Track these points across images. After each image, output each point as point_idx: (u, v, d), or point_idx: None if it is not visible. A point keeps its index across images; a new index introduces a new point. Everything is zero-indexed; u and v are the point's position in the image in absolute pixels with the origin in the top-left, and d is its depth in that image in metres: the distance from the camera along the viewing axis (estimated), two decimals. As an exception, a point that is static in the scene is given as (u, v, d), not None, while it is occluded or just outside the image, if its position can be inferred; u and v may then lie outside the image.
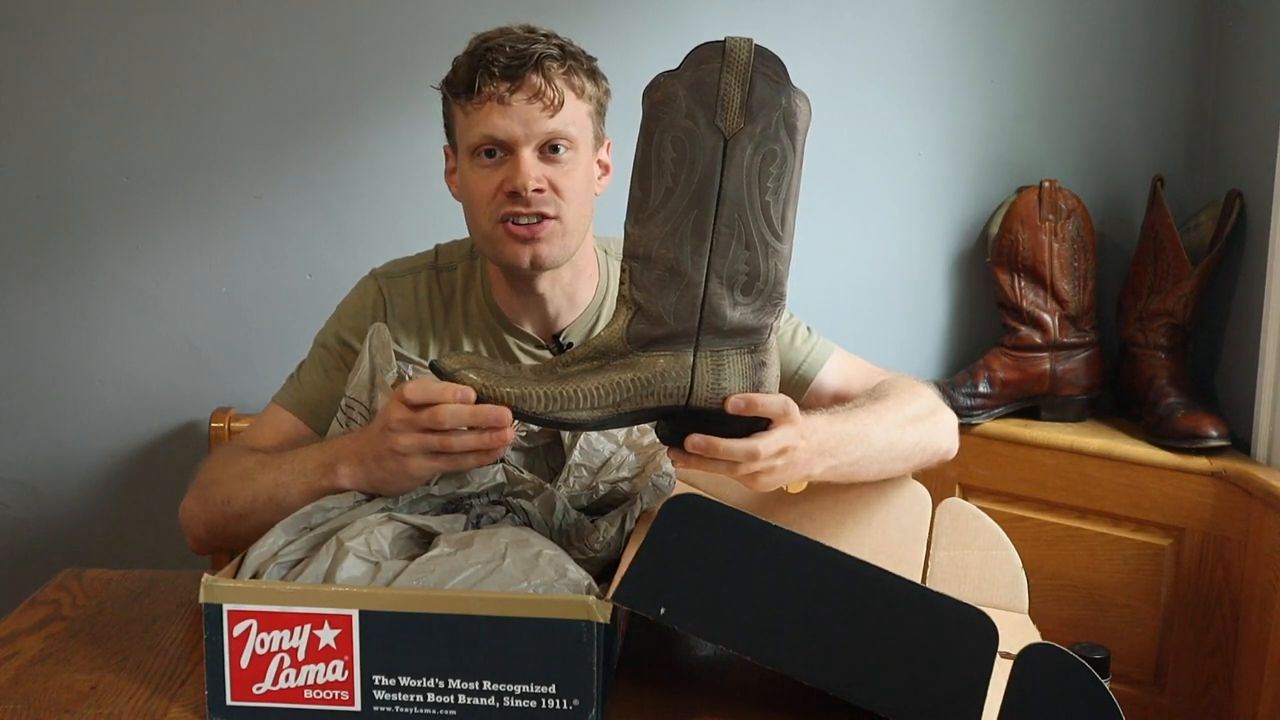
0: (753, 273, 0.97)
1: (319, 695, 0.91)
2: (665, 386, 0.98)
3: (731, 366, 0.98)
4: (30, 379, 1.92)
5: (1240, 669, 1.62)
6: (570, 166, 1.21)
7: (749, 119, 0.95)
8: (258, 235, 1.90)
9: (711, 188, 0.95)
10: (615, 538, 1.01)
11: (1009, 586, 1.12)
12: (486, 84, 1.17)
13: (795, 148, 0.96)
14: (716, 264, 0.96)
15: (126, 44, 1.85)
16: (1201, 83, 1.87)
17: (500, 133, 1.18)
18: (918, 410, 1.19)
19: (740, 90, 0.95)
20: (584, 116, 1.23)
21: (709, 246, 0.96)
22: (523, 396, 0.98)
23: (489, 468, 1.09)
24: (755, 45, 0.96)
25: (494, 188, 1.20)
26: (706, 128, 0.95)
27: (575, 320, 1.31)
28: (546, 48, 1.19)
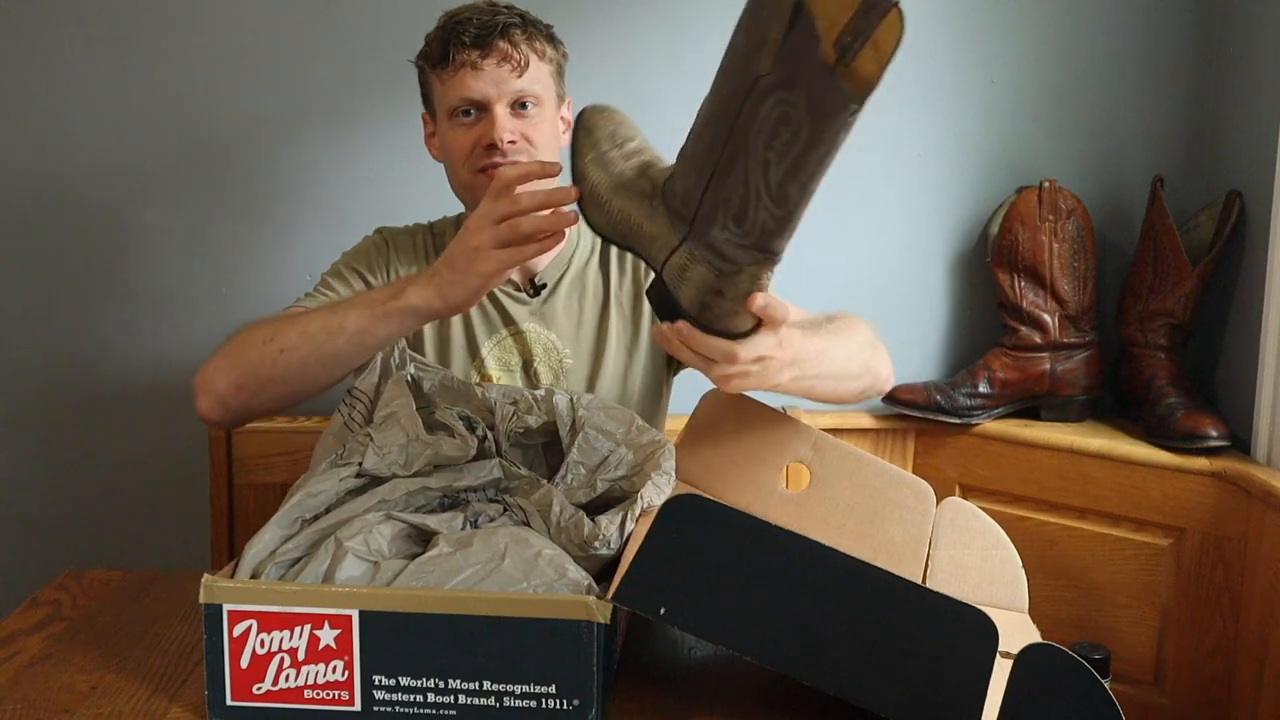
0: (742, 208, 0.94)
1: (319, 695, 0.91)
2: (652, 252, 1.03)
3: (695, 271, 1.00)
4: (30, 379, 1.92)
5: (1240, 669, 1.62)
6: (538, 120, 1.36)
7: (780, 71, 0.88)
8: (258, 235, 1.90)
9: (733, 111, 0.91)
10: (615, 535, 1.01)
11: (1009, 586, 1.12)
12: (459, 52, 1.32)
13: (820, 125, 0.90)
14: (718, 178, 0.96)
15: (126, 43, 1.85)
16: (1201, 83, 1.87)
17: (475, 93, 1.33)
18: (863, 338, 1.28)
19: (777, 39, 0.87)
20: (547, 76, 1.38)
21: (716, 159, 0.95)
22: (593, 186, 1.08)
23: (486, 462, 1.09)
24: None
25: (472, 142, 1.35)
26: (751, 60, 0.89)
27: (549, 265, 1.45)
28: (509, 18, 1.34)
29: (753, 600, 0.90)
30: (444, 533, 0.99)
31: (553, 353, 1.41)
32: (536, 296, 1.43)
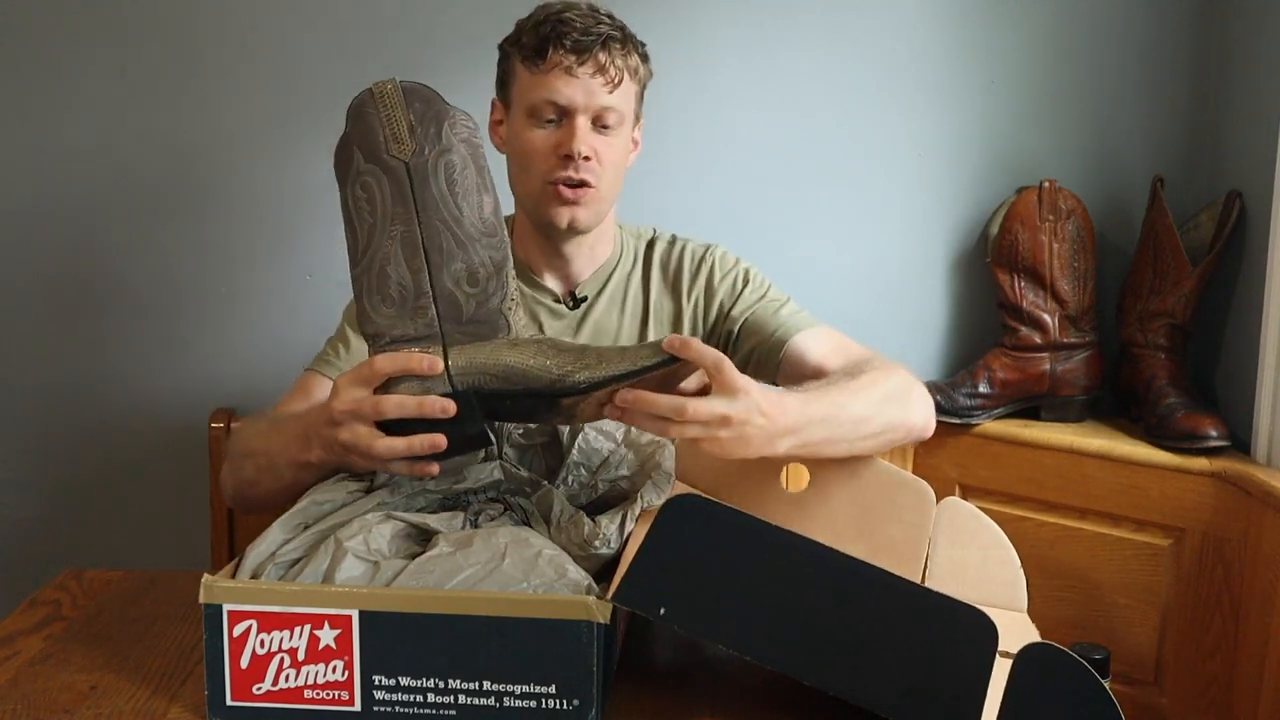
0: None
1: (319, 695, 0.91)
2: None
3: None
4: (30, 379, 1.92)
5: (1240, 669, 1.62)
6: (614, 139, 1.34)
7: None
8: (258, 235, 1.90)
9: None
10: (615, 535, 1.01)
11: (1009, 586, 1.12)
12: (557, 53, 1.29)
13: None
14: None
15: (126, 42, 1.85)
16: (1201, 83, 1.87)
17: (563, 99, 1.30)
18: (890, 389, 1.22)
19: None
20: (632, 96, 1.35)
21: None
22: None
23: (486, 464, 1.09)
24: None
25: (549, 148, 1.31)
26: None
27: (590, 277, 1.43)
28: (611, 29, 1.31)
29: (753, 600, 0.90)
30: (444, 532, 0.99)
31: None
32: (576, 309, 1.42)
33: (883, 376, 1.23)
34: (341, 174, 1.06)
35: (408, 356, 1.02)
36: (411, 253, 1.04)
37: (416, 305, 1.03)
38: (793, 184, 1.92)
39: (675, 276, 1.44)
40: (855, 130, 1.91)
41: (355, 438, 1.02)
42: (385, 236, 1.04)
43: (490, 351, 1.03)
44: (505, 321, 1.05)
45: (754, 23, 1.88)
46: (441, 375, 1.02)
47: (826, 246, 1.92)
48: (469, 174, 1.04)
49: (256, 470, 1.19)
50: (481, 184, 1.05)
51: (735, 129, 1.89)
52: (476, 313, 1.04)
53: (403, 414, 1.01)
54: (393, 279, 1.03)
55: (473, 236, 1.04)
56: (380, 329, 1.04)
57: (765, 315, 1.39)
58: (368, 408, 1.01)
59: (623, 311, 1.43)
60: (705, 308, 1.43)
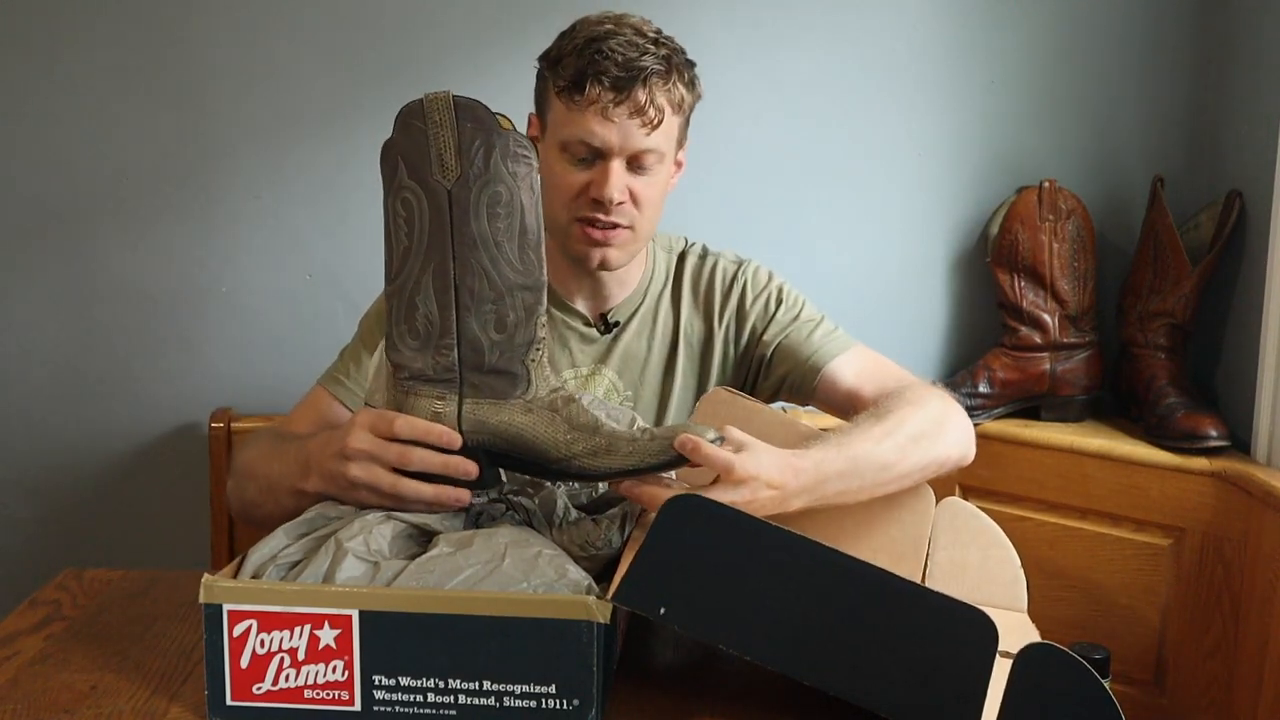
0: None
1: (319, 695, 0.91)
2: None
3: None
4: (30, 379, 1.92)
5: (1240, 669, 1.62)
6: (653, 178, 1.27)
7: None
8: (258, 235, 1.90)
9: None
10: (616, 536, 1.01)
11: (1009, 586, 1.12)
12: (593, 89, 1.21)
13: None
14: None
15: (127, 43, 1.85)
16: (1201, 83, 1.87)
17: (597, 141, 1.23)
18: (921, 426, 1.16)
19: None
20: (675, 129, 1.28)
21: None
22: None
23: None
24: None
25: (578, 188, 1.25)
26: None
27: (623, 301, 1.38)
28: (655, 61, 1.23)
29: (753, 600, 0.90)
30: (444, 532, 0.99)
31: (613, 396, 1.37)
32: (608, 333, 1.38)
33: (913, 412, 1.17)
34: (386, 181, 1.01)
35: (427, 428, 1.01)
36: (442, 288, 1.00)
37: (440, 344, 1.00)
38: (793, 184, 1.92)
39: (707, 297, 1.40)
40: (855, 130, 1.91)
41: (374, 478, 1.02)
42: (419, 264, 1.00)
43: (504, 414, 1.01)
44: (527, 373, 1.01)
45: (754, 23, 1.88)
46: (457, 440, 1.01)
47: (826, 246, 1.92)
48: (515, 208, 0.98)
49: (258, 493, 1.19)
50: (526, 223, 0.99)
51: (735, 129, 1.89)
52: (499, 362, 1.00)
53: (426, 469, 1.01)
54: (420, 311, 1.00)
55: (510, 283, 0.99)
56: (403, 360, 1.02)
57: (799, 340, 1.35)
58: (392, 455, 1.01)
59: (652, 336, 1.39)
60: (737, 332, 1.39)
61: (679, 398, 1.38)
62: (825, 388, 1.32)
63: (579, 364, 1.37)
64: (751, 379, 1.39)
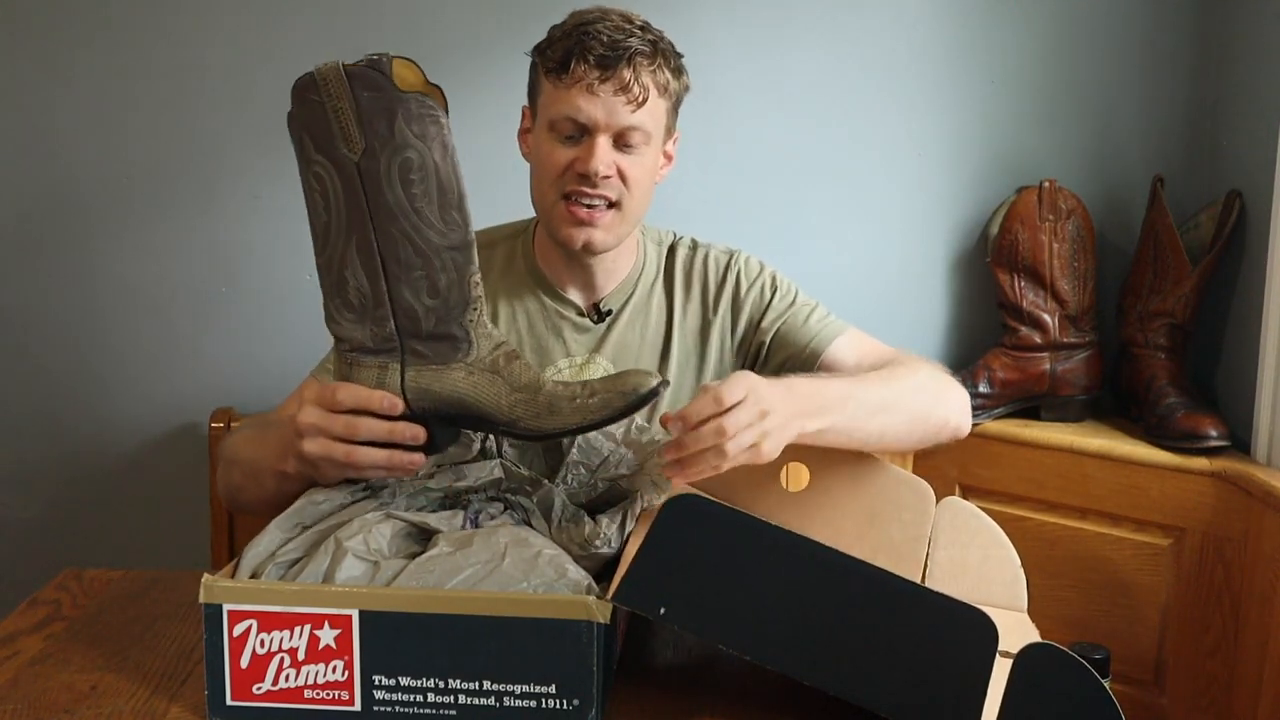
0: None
1: (319, 695, 0.91)
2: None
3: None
4: (30, 379, 1.92)
5: (1240, 669, 1.62)
6: (640, 157, 1.29)
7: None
8: (258, 235, 1.90)
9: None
10: (615, 535, 1.01)
11: (1008, 586, 1.12)
12: (580, 67, 1.24)
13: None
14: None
15: (126, 43, 1.85)
16: (1201, 83, 1.87)
17: (583, 117, 1.25)
18: (919, 382, 1.22)
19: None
20: (661, 112, 1.30)
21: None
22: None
23: (487, 463, 1.09)
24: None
25: (565, 164, 1.28)
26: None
27: (614, 290, 1.40)
28: (641, 43, 1.26)
29: (753, 600, 0.90)
30: (444, 532, 0.99)
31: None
32: (600, 323, 1.39)
33: (907, 371, 1.23)
34: (297, 153, 1.00)
35: (368, 395, 1.01)
36: (368, 260, 0.99)
37: (376, 315, 1.00)
38: (793, 184, 1.92)
39: (701, 288, 1.41)
40: (855, 130, 1.91)
41: (327, 451, 1.03)
42: (341, 238, 0.99)
43: (445, 380, 1.01)
44: (467, 334, 1.01)
45: (754, 23, 1.88)
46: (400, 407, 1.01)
47: (826, 246, 1.92)
48: (429, 171, 0.96)
49: (242, 477, 1.20)
50: (444, 183, 0.97)
51: (735, 129, 1.89)
52: (437, 326, 1.00)
53: (373, 438, 1.02)
54: (351, 285, 1.00)
55: (434, 245, 0.98)
56: (343, 334, 1.02)
57: (796, 325, 1.37)
58: (339, 427, 1.02)
59: (645, 325, 1.40)
60: (733, 321, 1.40)
61: (674, 386, 1.39)
62: (827, 370, 1.34)
63: (574, 353, 1.38)
64: (750, 367, 1.40)
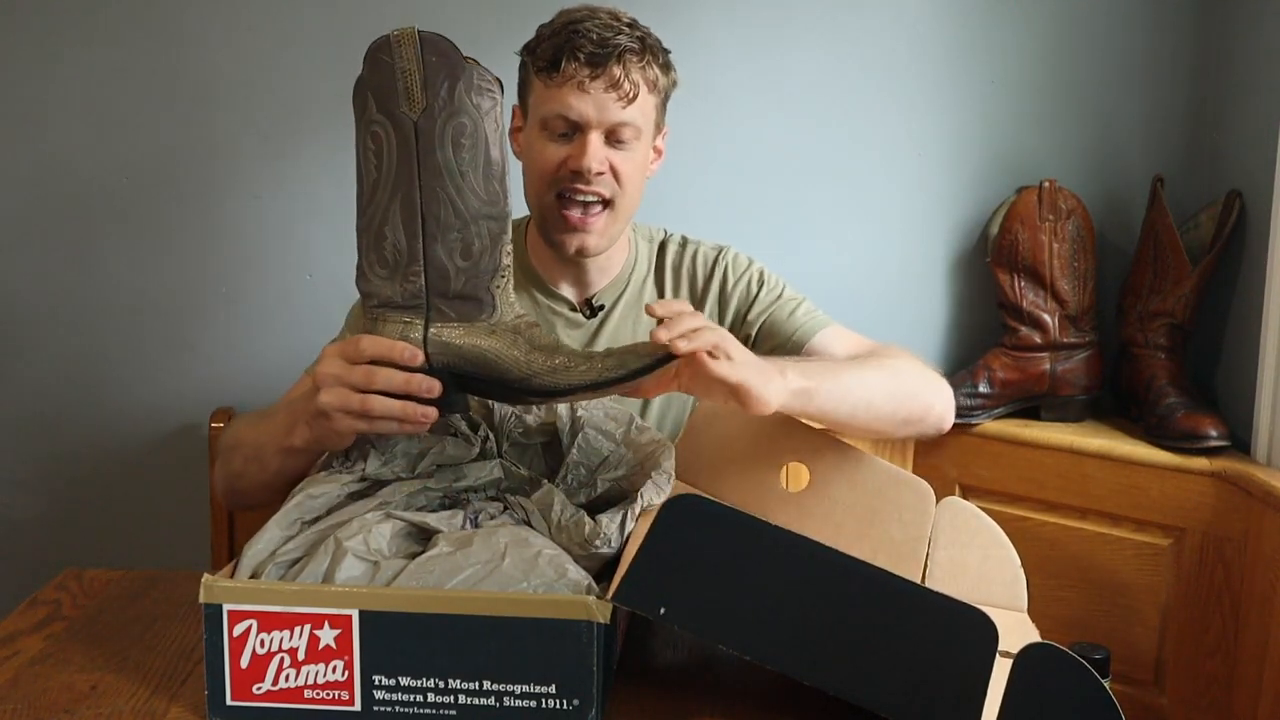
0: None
1: (319, 695, 0.91)
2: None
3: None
4: (30, 380, 1.92)
5: (1240, 669, 1.62)
6: (631, 153, 1.30)
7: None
8: (258, 235, 1.90)
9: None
10: (615, 535, 1.01)
11: (1008, 586, 1.12)
12: (570, 65, 1.25)
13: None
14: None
15: (126, 43, 1.85)
16: (1201, 83, 1.87)
17: (574, 114, 1.26)
18: (898, 367, 1.23)
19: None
20: (651, 108, 1.32)
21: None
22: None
23: (487, 463, 1.09)
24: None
25: (558, 162, 1.29)
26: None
27: (607, 285, 1.41)
28: (630, 40, 1.27)
29: (753, 600, 0.90)
30: (444, 531, 0.99)
31: (610, 410, 1.38)
32: (593, 318, 1.40)
33: (890, 357, 1.25)
34: (357, 117, 1.03)
35: (390, 345, 1.02)
36: (409, 217, 1.02)
37: (408, 271, 1.02)
38: (793, 184, 1.92)
39: (690, 282, 1.43)
40: (855, 130, 1.91)
41: (343, 400, 1.03)
42: (386, 194, 1.02)
43: (468, 336, 1.03)
44: (492, 299, 1.03)
45: (754, 23, 1.88)
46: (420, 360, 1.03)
47: (826, 246, 1.92)
48: (480, 139, 1.00)
49: (244, 461, 1.21)
50: (490, 154, 1.01)
51: (735, 129, 1.89)
52: (465, 287, 1.03)
53: (389, 388, 1.02)
54: (389, 240, 1.02)
55: (474, 210, 1.02)
56: (372, 289, 1.04)
57: (781, 317, 1.39)
58: (358, 376, 1.03)
59: (638, 320, 1.41)
60: (720, 315, 1.41)
61: None
62: None
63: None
64: None
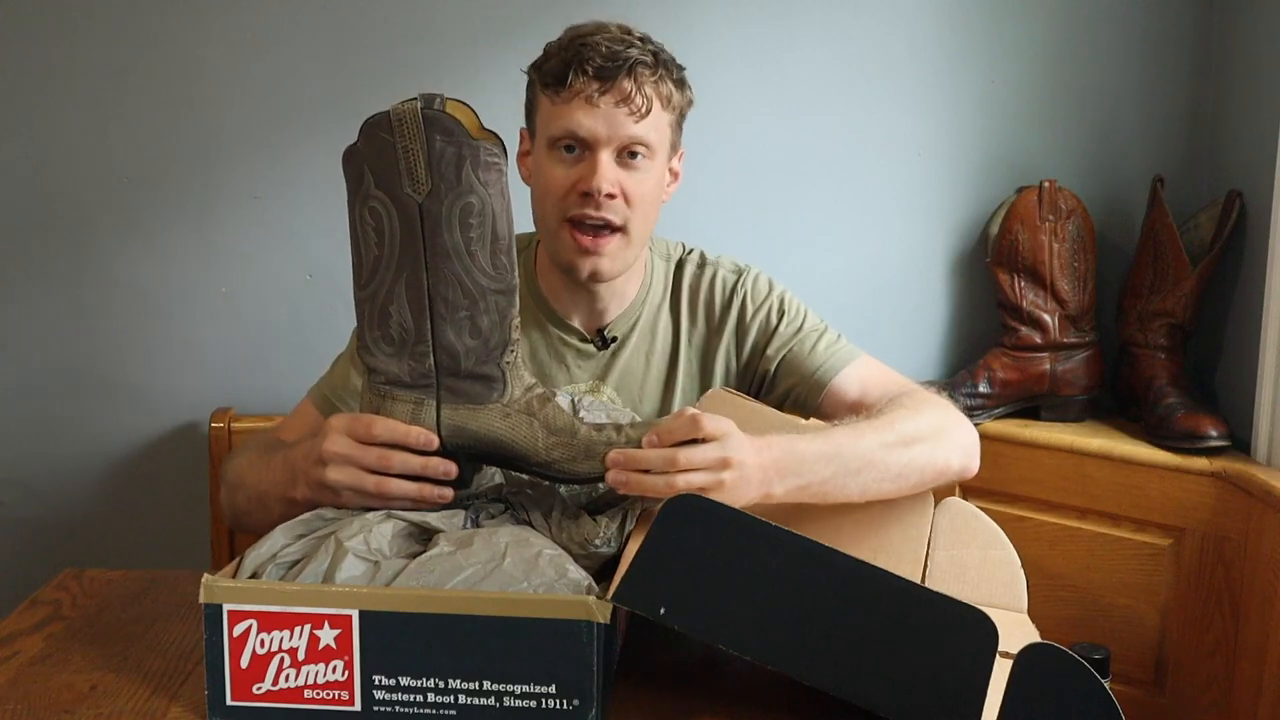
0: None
1: (319, 695, 0.91)
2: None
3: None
4: (30, 379, 1.92)
5: (1240, 669, 1.62)
6: (644, 174, 1.24)
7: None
8: (258, 235, 1.90)
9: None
10: (615, 535, 1.01)
11: (1008, 586, 1.12)
12: (578, 80, 1.19)
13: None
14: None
15: (126, 43, 1.85)
16: (1201, 83, 1.87)
17: (584, 131, 1.21)
18: (915, 430, 1.14)
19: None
20: (665, 125, 1.25)
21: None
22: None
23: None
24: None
25: (568, 184, 1.22)
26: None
27: (620, 315, 1.35)
28: (641, 53, 1.21)
29: (753, 600, 0.90)
30: (445, 531, 0.99)
31: (611, 411, 1.35)
32: (605, 349, 1.35)
33: (907, 416, 1.16)
34: (351, 187, 1.01)
35: (406, 430, 1.01)
36: (416, 298, 0.99)
37: (416, 350, 1.00)
38: (793, 184, 1.92)
39: (707, 309, 1.36)
40: (855, 130, 1.91)
41: (357, 481, 1.02)
42: (390, 274, 1.00)
43: (482, 420, 1.01)
44: (503, 375, 1.02)
45: (754, 23, 1.88)
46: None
47: (826, 246, 1.92)
48: (487, 218, 0.98)
49: (247, 502, 1.19)
50: (498, 229, 0.98)
51: (735, 129, 1.89)
52: (475, 366, 1.01)
53: (406, 472, 1.02)
54: (394, 319, 1.00)
55: (483, 289, 0.99)
56: (378, 365, 1.02)
57: (802, 354, 1.32)
58: (372, 459, 1.01)
59: (651, 350, 1.36)
60: (738, 346, 1.36)
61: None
62: (830, 402, 1.30)
63: (577, 380, 1.34)
64: (754, 393, 1.36)
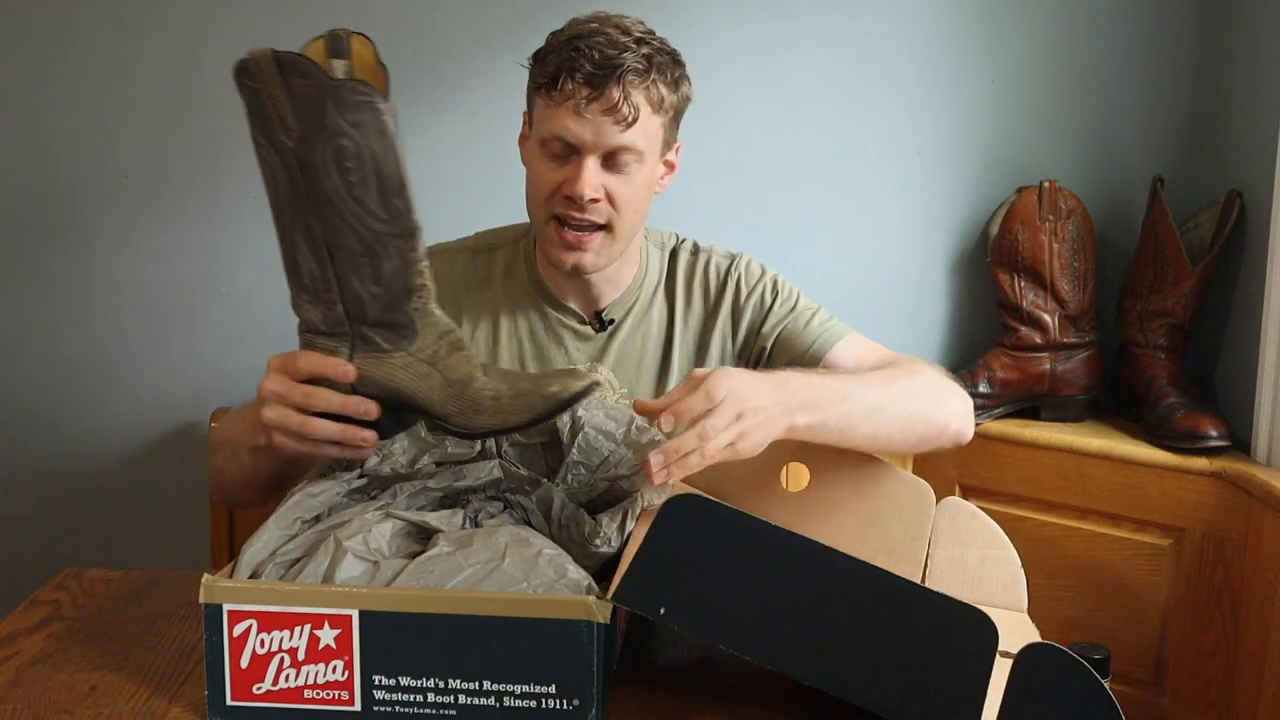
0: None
1: (319, 695, 0.91)
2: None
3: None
4: (30, 379, 1.92)
5: (1240, 669, 1.62)
6: (631, 177, 1.25)
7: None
8: (258, 235, 1.89)
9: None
10: (615, 534, 1.01)
11: (1008, 585, 1.12)
12: (568, 85, 1.21)
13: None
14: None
15: (127, 43, 1.85)
16: (1201, 83, 1.87)
17: (570, 136, 1.22)
18: (917, 385, 1.20)
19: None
20: (656, 128, 1.26)
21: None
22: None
23: (486, 463, 1.09)
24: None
25: (555, 185, 1.25)
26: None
27: (617, 299, 1.37)
28: (634, 59, 1.21)
29: (753, 600, 0.90)
30: (444, 531, 0.99)
31: (609, 393, 1.36)
32: (602, 331, 1.37)
33: (906, 373, 1.21)
34: (251, 129, 0.98)
35: (323, 361, 1.03)
36: (314, 246, 0.99)
37: (325, 298, 1.01)
38: (793, 183, 1.92)
39: (702, 293, 1.39)
40: (855, 130, 1.91)
41: (284, 419, 1.03)
42: (288, 221, 0.99)
43: (385, 369, 1.02)
44: (412, 323, 1.01)
45: (754, 23, 1.88)
46: (347, 384, 1.02)
47: (826, 246, 1.92)
48: (365, 160, 0.94)
49: (224, 459, 1.21)
50: (383, 170, 0.94)
51: (735, 129, 1.89)
52: (384, 315, 1.00)
53: (328, 409, 1.03)
54: (303, 268, 1.01)
55: (378, 234, 0.97)
56: (302, 314, 1.04)
57: (797, 329, 1.35)
58: (297, 396, 1.03)
59: (647, 333, 1.38)
60: (734, 327, 1.38)
61: None
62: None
63: (575, 362, 1.37)
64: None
